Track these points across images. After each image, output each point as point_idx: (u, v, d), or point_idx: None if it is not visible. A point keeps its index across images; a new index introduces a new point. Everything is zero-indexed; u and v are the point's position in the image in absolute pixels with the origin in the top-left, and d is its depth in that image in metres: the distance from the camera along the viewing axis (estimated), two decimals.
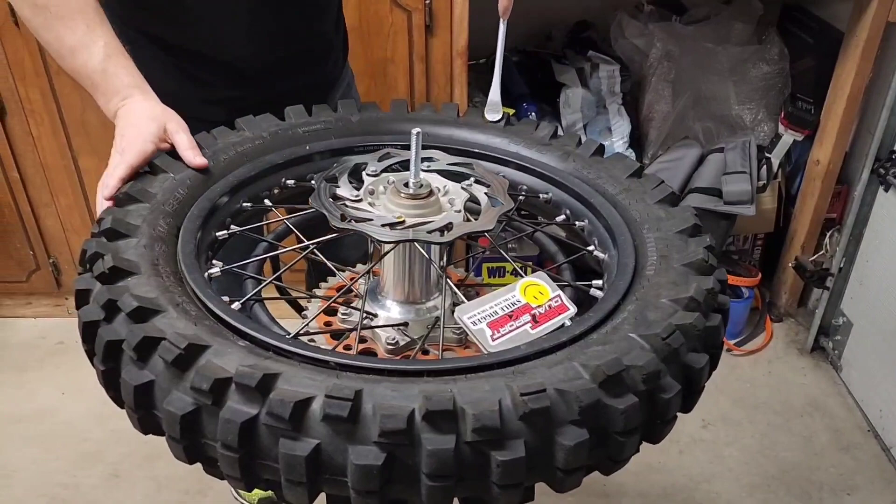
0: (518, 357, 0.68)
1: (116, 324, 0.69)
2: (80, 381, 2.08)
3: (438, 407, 0.59)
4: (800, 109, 2.15)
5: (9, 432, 1.94)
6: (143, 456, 1.86)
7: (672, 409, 0.68)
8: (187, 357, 0.64)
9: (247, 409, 0.60)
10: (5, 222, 2.10)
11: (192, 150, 0.93)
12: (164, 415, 0.64)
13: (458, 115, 1.12)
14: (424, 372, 0.65)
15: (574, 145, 1.05)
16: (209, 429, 0.62)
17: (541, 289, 0.80)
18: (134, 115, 0.95)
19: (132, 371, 0.66)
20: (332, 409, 0.59)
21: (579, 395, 0.62)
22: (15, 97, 1.90)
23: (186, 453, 0.64)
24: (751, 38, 2.26)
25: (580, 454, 0.61)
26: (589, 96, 2.14)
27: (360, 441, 0.59)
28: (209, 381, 0.61)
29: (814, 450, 1.95)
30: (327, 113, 1.09)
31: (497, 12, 1.05)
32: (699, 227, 0.87)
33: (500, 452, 0.59)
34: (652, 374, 0.65)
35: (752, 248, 2.39)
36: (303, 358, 0.67)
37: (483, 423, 0.59)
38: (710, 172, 2.12)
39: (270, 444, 0.61)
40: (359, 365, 0.66)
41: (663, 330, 0.69)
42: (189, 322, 0.68)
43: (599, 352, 0.67)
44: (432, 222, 0.82)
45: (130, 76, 0.98)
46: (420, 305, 0.91)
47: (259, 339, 0.69)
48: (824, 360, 2.25)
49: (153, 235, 0.81)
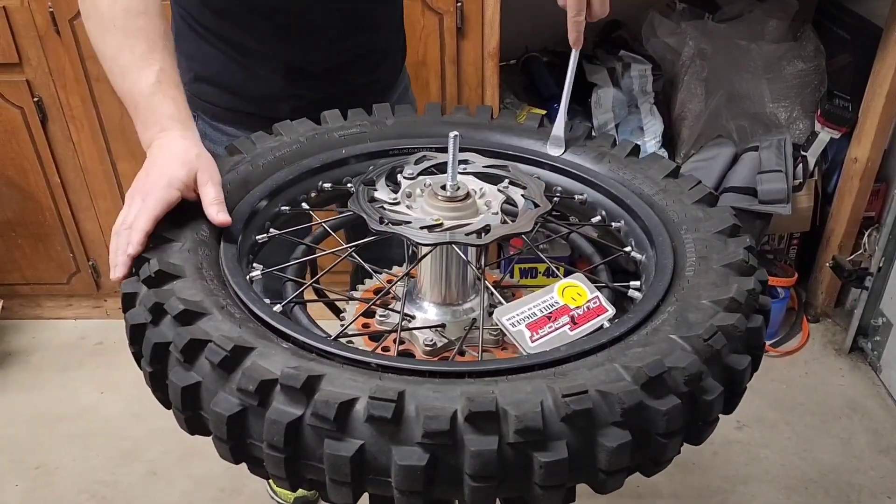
0: (559, 358, 0.68)
1: (163, 326, 0.70)
2: (118, 380, 2.12)
3: (481, 408, 0.59)
4: (837, 107, 2.11)
5: (51, 431, 1.99)
6: (180, 454, 1.89)
7: (714, 410, 0.67)
8: (233, 359, 0.65)
9: (292, 409, 0.61)
10: (47, 226, 2.15)
11: (216, 206, 0.85)
12: (210, 416, 0.65)
13: (491, 117, 1.12)
14: (466, 373, 0.66)
15: (609, 146, 1.05)
16: (255, 429, 0.64)
17: (579, 290, 0.80)
18: (166, 153, 0.88)
19: (179, 373, 0.68)
20: (376, 410, 0.59)
21: (621, 397, 0.62)
22: (56, 104, 1.94)
23: (233, 453, 0.66)
24: (785, 34, 2.23)
25: (622, 456, 0.61)
26: (620, 96, 2.13)
27: (404, 442, 0.60)
28: (255, 383, 0.62)
29: (853, 452, 1.92)
30: (362, 117, 1.10)
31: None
32: (738, 228, 0.87)
33: (543, 454, 0.60)
34: (694, 376, 0.65)
35: (787, 248, 2.36)
36: (345, 359, 0.68)
37: (526, 424, 0.59)
38: (744, 171, 2.09)
39: (315, 444, 0.62)
40: (400, 366, 0.67)
41: (705, 331, 0.69)
42: (234, 325, 0.70)
43: (640, 353, 0.67)
44: (470, 224, 0.83)
45: (176, 108, 0.92)
46: (457, 307, 0.92)
47: (302, 341, 0.70)
48: (863, 360, 2.21)
49: (196, 240, 0.82)
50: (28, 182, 2.06)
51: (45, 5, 1.78)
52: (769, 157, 2.07)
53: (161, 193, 0.83)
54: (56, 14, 1.79)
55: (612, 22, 2.31)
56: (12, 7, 1.79)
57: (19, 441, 1.96)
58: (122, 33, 0.93)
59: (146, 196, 0.83)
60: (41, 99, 1.93)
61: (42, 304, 2.34)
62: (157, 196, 0.83)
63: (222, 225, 0.85)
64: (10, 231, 2.15)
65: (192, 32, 1.16)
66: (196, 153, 0.88)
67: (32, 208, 2.11)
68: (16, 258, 2.20)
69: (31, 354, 2.25)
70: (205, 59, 1.17)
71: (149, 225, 0.81)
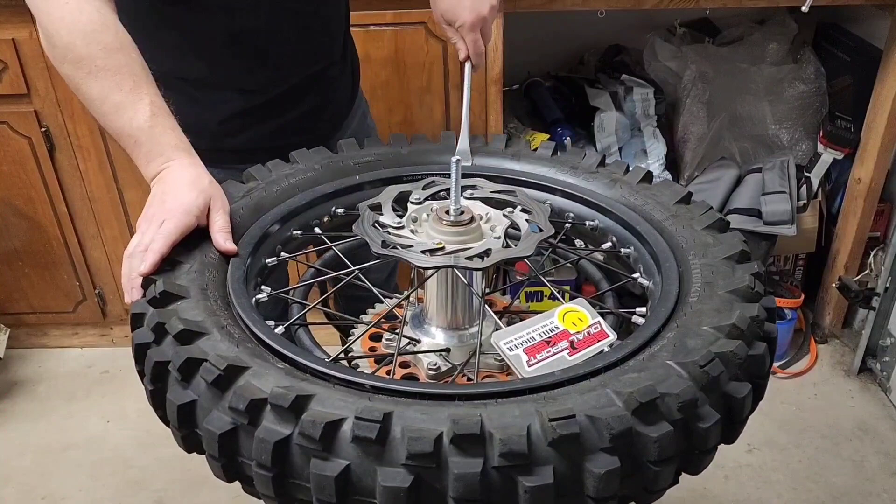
0: (551, 383, 0.67)
1: (164, 346, 0.72)
2: (124, 409, 2.12)
3: (466, 430, 0.59)
4: (839, 128, 2.10)
5: (58, 460, 1.98)
6: (186, 483, 1.88)
7: (711, 439, 0.66)
8: (227, 378, 0.66)
9: (280, 428, 0.62)
10: (53, 255, 2.15)
11: (224, 234, 0.87)
12: (204, 433, 0.66)
13: (505, 146, 1.13)
14: (456, 396, 0.66)
15: (622, 172, 1.04)
16: (245, 448, 0.64)
17: (580, 315, 0.79)
18: (178, 181, 0.89)
19: (177, 391, 0.69)
20: (361, 431, 0.60)
21: (610, 422, 0.61)
22: (63, 133, 1.96)
23: (224, 471, 0.66)
24: (786, 57, 2.23)
25: (611, 482, 0.60)
26: (623, 119, 2.13)
27: (389, 463, 0.60)
28: (245, 402, 0.63)
29: (865, 475, 1.86)
30: (378, 145, 1.13)
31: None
32: (747, 254, 0.85)
33: (528, 478, 0.59)
34: (688, 403, 0.64)
35: (793, 269, 2.33)
36: (338, 380, 0.68)
37: (510, 447, 0.59)
38: (748, 193, 2.08)
39: (303, 463, 0.62)
40: (392, 388, 0.67)
41: (702, 357, 0.67)
42: (232, 344, 0.71)
43: (634, 379, 0.66)
44: (471, 248, 0.83)
45: (177, 137, 0.93)
46: (463, 331, 0.92)
47: (298, 362, 0.71)
48: (872, 381, 2.15)
49: (204, 262, 0.84)
50: (35, 211, 2.07)
51: None
52: (773, 179, 2.06)
53: (180, 219, 0.85)
54: None
55: (614, 46, 2.32)
56: (21, 39, 1.82)
57: (27, 471, 1.95)
58: (106, 73, 0.92)
59: (164, 221, 0.85)
60: (49, 129, 1.95)
61: (48, 333, 2.35)
62: (175, 222, 0.85)
63: (228, 253, 0.87)
64: (17, 260, 2.15)
65: None
66: (208, 181, 0.91)
67: (39, 237, 2.11)
68: (23, 287, 2.21)
69: (37, 384, 2.24)
70: None
71: (165, 249, 0.83)
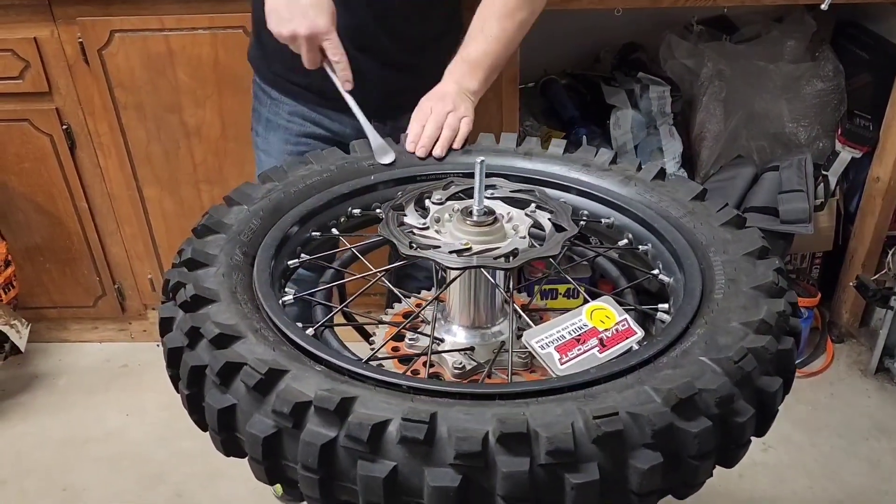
0: (589, 381, 0.68)
1: (199, 350, 0.72)
2: (143, 403, 2.14)
3: (512, 430, 0.60)
4: (857, 126, 2.11)
5: (78, 453, 2.01)
6: (205, 476, 1.90)
7: (746, 432, 0.67)
8: (268, 381, 0.66)
9: (326, 431, 0.62)
10: (73, 250, 2.18)
11: None
12: (246, 437, 0.66)
13: (517, 144, 1.13)
14: (497, 395, 0.67)
15: (635, 169, 1.05)
16: (290, 451, 0.65)
17: (607, 313, 0.80)
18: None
19: (215, 395, 0.69)
20: (409, 432, 0.60)
21: (652, 419, 0.62)
22: (84, 131, 1.98)
23: (268, 474, 0.67)
24: (804, 55, 2.24)
25: (654, 477, 0.61)
26: (639, 117, 2.14)
27: (436, 463, 0.61)
28: (290, 405, 0.63)
29: (881, 474, 1.89)
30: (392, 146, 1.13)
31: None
32: (767, 250, 0.87)
33: (574, 475, 0.60)
34: (725, 398, 0.65)
35: (810, 267, 2.35)
36: (377, 382, 0.69)
37: (557, 445, 0.60)
38: (765, 191, 2.09)
39: (349, 465, 0.62)
40: (432, 388, 0.67)
41: (735, 353, 0.69)
42: (268, 347, 0.71)
43: (671, 375, 0.67)
44: (498, 249, 0.84)
45: None
46: (486, 330, 0.92)
47: (334, 364, 0.71)
48: (889, 381, 2.18)
49: (230, 264, 0.84)
50: (56, 208, 2.10)
51: (75, 36, 1.83)
52: (790, 177, 2.06)
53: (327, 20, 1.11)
54: (85, 44, 1.84)
55: (630, 44, 2.33)
56: (43, 38, 1.84)
57: (47, 463, 1.97)
58: None
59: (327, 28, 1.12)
60: (70, 126, 1.97)
61: (68, 328, 2.38)
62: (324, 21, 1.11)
63: None
64: (39, 256, 2.19)
65: None
66: None
67: (60, 233, 2.15)
68: (43, 282, 2.24)
69: (57, 377, 2.27)
70: None
71: None
